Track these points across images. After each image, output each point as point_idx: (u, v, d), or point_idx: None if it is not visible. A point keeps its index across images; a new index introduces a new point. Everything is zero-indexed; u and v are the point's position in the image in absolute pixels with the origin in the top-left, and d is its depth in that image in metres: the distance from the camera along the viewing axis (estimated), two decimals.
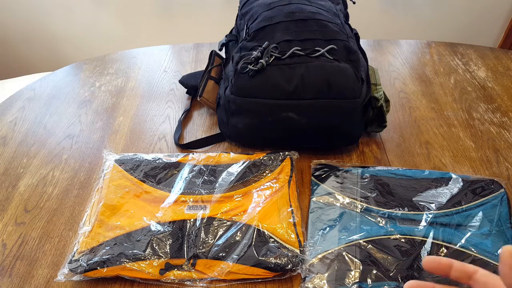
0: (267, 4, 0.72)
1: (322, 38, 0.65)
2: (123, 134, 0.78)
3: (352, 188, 0.63)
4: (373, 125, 0.73)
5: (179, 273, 0.52)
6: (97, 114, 0.83)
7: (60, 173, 0.70)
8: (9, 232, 0.60)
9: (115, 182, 0.63)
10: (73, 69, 0.99)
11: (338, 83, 0.62)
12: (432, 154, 0.72)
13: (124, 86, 0.92)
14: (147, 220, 0.58)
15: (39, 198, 0.66)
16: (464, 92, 0.87)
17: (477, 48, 1.02)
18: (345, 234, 0.56)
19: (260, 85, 0.63)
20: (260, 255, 0.53)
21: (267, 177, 0.64)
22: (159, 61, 1.00)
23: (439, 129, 0.78)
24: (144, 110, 0.84)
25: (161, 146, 0.75)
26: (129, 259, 0.52)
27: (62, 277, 0.52)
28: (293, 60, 0.63)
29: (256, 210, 0.59)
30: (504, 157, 0.71)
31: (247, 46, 0.67)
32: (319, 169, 0.67)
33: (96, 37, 1.83)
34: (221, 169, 0.66)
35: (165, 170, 0.66)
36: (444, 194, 0.61)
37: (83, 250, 0.54)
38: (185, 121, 0.81)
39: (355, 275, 0.51)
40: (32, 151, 0.75)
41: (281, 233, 0.56)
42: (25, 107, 0.86)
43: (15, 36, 1.80)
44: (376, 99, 0.69)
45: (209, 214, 0.58)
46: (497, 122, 0.79)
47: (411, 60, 0.98)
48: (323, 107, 0.63)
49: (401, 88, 0.89)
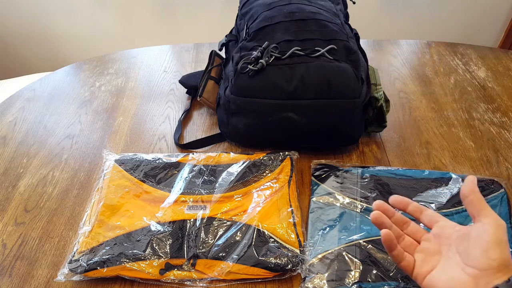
0: (267, 4, 0.72)
1: (322, 38, 0.65)
2: (123, 134, 0.78)
3: (352, 188, 0.63)
4: (373, 125, 0.73)
5: (179, 273, 0.52)
6: (97, 114, 0.83)
7: (60, 173, 0.70)
8: (9, 232, 0.60)
9: (115, 182, 0.63)
10: (73, 69, 0.99)
11: (338, 83, 0.62)
12: (432, 154, 0.72)
13: (124, 86, 0.92)
14: (147, 220, 0.58)
15: (39, 198, 0.66)
16: (464, 92, 0.87)
17: (477, 48, 1.02)
18: (345, 234, 0.56)
19: (260, 85, 0.63)
20: (260, 255, 0.53)
21: (267, 177, 0.64)
22: (159, 61, 1.00)
23: (439, 129, 0.78)
24: (144, 110, 0.84)
25: (161, 146, 0.75)
26: (129, 259, 0.52)
27: (62, 277, 0.52)
28: (293, 60, 0.63)
29: (256, 210, 0.59)
30: (504, 157, 0.71)
31: (247, 46, 0.67)
32: (319, 169, 0.67)
33: (96, 37, 1.83)
34: (221, 169, 0.66)
35: (165, 170, 0.66)
36: (444, 194, 0.61)
37: (83, 250, 0.54)
38: (185, 121, 0.81)
39: (355, 275, 0.51)
40: (32, 151, 0.75)
41: (281, 233, 0.56)
42: (25, 107, 0.86)
43: (15, 36, 1.80)
44: (376, 99, 0.69)
45: (209, 214, 0.58)
46: (497, 122, 0.79)
47: (411, 60, 0.98)
48: (323, 107, 0.63)
49: (401, 88, 0.89)
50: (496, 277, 0.35)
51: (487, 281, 0.35)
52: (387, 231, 0.40)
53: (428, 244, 0.42)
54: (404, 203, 0.44)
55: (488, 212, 0.38)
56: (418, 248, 0.42)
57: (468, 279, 0.36)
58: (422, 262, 0.41)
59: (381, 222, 0.42)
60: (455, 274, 0.37)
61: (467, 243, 0.38)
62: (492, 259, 0.35)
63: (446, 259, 0.39)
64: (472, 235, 0.37)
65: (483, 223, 0.37)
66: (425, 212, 0.43)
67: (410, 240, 0.43)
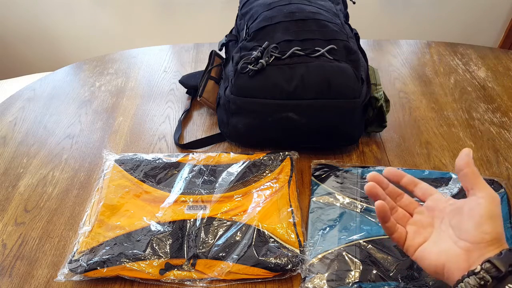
0: (267, 4, 0.72)
1: (322, 38, 0.65)
2: (123, 134, 0.78)
3: (352, 188, 0.63)
4: (373, 125, 0.73)
5: (179, 273, 0.52)
6: (97, 114, 0.83)
7: (60, 173, 0.70)
8: (9, 232, 0.60)
9: (115, 182, 0.63)
10: (73, 69, 0.99)
11: (338, 83, 0.62)
12: (432, 154, 0.72)
13: (124, 86, 0.92)
14: (147, 220, 0.58)
15: (39, 198, 0.66)
16: (464, 92, 0.87)
17: (477, 48, 1.02)
18: (345, 234, 0.56)
19: (260, 85, 0.63)
20: (260, 255, 0.53)
21: (267, 177, 0.64)
22: (159, 61, 1.00)
23: (439, 129, 0.78)
24: (144, 110, 0.84)
25: (161, 146, 0.75)
26: (129, 259, 0.52)
27: (62, 277, 0.52)
28: (293, 60, 0.63)
29: (256, 210, 0.59)
30: (504, 157, 0.71)
31: (247, 46, 0.67)
32: (319, 169, 0.67)
33: (96, 37, 1.83)
34: (221, 169, 0.66)
35: (165, 170, 0.66)
36: (444, 194, 0.61)
37: (83, 250, 0.54)
38: (185, 121, 0.81)
39: (355, 275, 0.51)
40: (32, 151, 0.75)
41: (281, 233, 0.56)
42: (25, 107, 0.86)
43: (15, 36, 1.80)
44: (376, 99, 0.69)
45: (209, 214, 0.58)
46: (497, 122, 0.79)
47: (411, 60, 0.98)
48: (323, 107, 0.63)
49: (401, 88, 0.89)
50: (488, 250, 0.35)
51: (480, 254, 0.35)
52: (381, 202, 0.40)
53: (421, 216, 0.42)
54: (398, 175, 0.44)
55: (483, 185, 0.37)
56: (411, 221, 0.42)
57: (460, 252, 0.36)
58: (414, 234, 0.41)
59: (376, 193, 0.42)
60: (447, 246, 0.37)
61: (460, 216, 0.38)
62: (485, 233, 0.35)
63: (438, 232, 0.40)
64: (465, 209, 0.37)
65: (477, 197, 0.37)
66: (419, 185, 0.43)
67: (403, 212, 0.43)
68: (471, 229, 0.36)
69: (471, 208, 0.37)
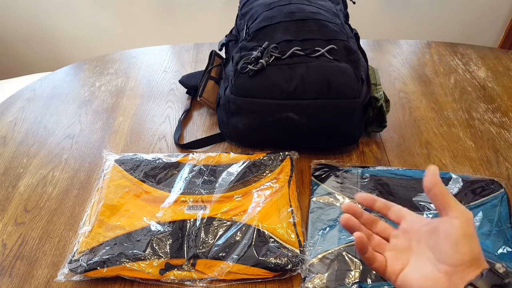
0: (267, 4, 0.72)
1: (322, 38, 0.65)
2: (123, 134, 0.78)
3: (352, 188, 0.63)
4: (373, 125, 0.73)
5: (179, 273, 0.52)
6: (97, 114, 0.83)
7: (60, 173, 0.70)
8: (9, 232, 0.60)
9: (115, 182, 0.63)
10: (73, 69, 0.99)
11: (338, 83, 0.62)
12: (432, 154, 0.72)
13: (124, 86, 0.92)
14: (147, 220, 0.58)
15: (39, 198, 0.66)
16: (464, 92, 0.87)
17: (477, 48, 1.02)
18: (345, 234, 0.56)
19: (260, 85, 0.63)
20: (260, 255, 0.53)
21: (267, 177, 0.64)
22: (159, 61, 1.00)
23: (439, 129, 0.78)
24: (144, 110, 0.84)
25: (161, 146, 0.75)
26: (129, 259, 0.52)
27: (62, 277, 0.52)
28: (293, 60, 0.63)
29: (256, 210, 0.59)
30: (504, 157, 0.71)
31: (247, 46, 0.67)
32: (319, 169, 0.67)
33: (96, 37, 1.83)
34: (221, 169, 0.66)
35: (165, 170, 0.66)
36: None
37: (83, 250, 0.54)
38: (185, 121, 0.81)
39: (355, 275, 0.51)
40: (32, 151, 0.75)
41: (281, 233, 0.56)
42: (25, 107, 0.86)
43: (15, 36, 1.80)
44: (376, 99, 0.69)
45: (209, 214, 0.58)
46: (497, 122, 0.79)
47: (411, 60, 0.98)
48: (323, 107, 0.63)
49: (401, 88, 0.89)
50: (469, 272, 0.34)
51: (460, 277, 0.34)
52: (360, 234, 0.39)
53: (397, 240, 0.41)
54: (370, 200, 0.43)
55: (454, 204, 0.36)
56: (388, 247, 0.41)
57: (441, 277, 0.35)
58: (393, 260, 0.40)
59: (351, 225, 0.41)
60: (428, 271, 0.37)
61: (436, 237, 0.37)
62: (462, 253, 0.34)
63: (417, 255, 0.39)
64: (440, 230, 0.36)
65: (449, 217, 0.36)
66: (392, 208, 0.42)
67: (379, 239, 0.42)
68: (448, 251, 0.35)
69: (445, 229, 0.36)
